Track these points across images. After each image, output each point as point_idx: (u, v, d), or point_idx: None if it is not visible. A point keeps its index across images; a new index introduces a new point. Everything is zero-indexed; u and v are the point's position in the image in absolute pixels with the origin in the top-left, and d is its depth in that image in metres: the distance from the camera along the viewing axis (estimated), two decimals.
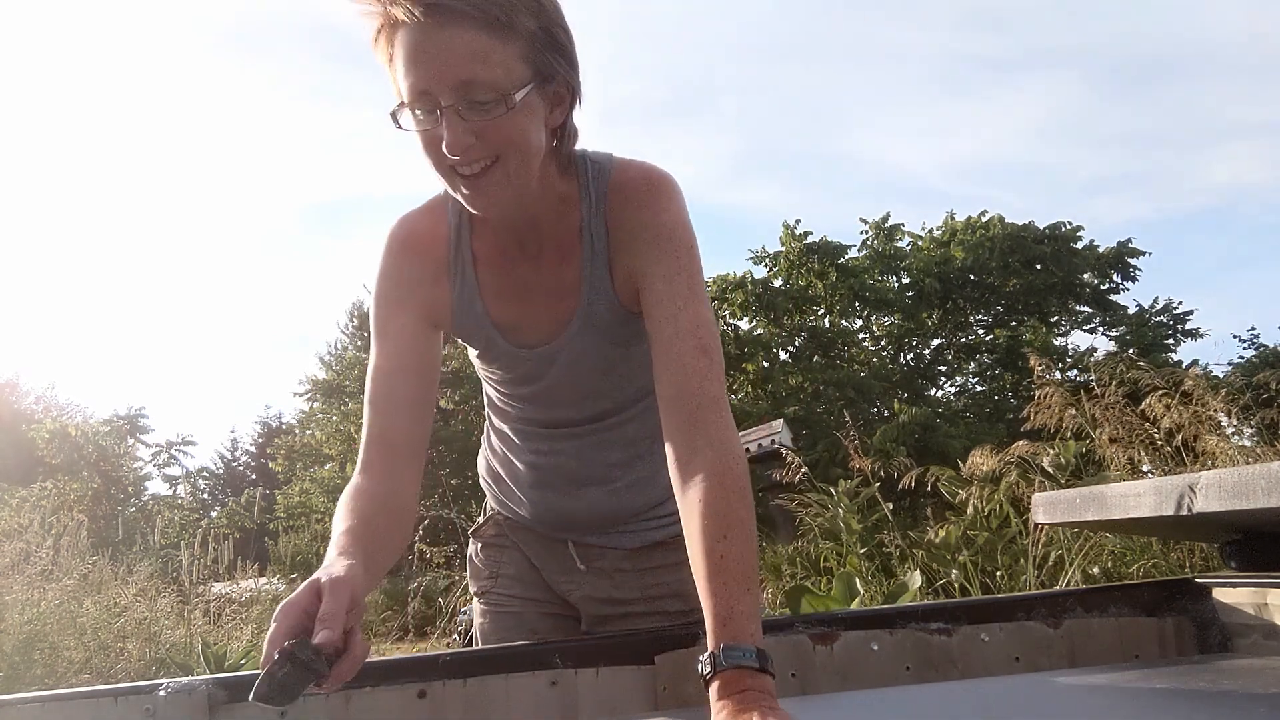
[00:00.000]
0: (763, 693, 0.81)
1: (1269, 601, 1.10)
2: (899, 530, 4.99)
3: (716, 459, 0.96)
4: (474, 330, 1.20)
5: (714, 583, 0.88)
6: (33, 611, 4.62)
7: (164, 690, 1.00)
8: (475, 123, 0.95)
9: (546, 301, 1.17)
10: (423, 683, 1.05)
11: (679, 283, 1.07)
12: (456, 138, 0.95)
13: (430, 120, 0.96)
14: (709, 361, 1.03)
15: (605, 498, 1.32)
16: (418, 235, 1.17)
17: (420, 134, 0.98)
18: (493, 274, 1.17)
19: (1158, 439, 4.38)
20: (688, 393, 1.01)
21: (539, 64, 0.98)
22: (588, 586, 1.36)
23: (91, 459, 16.80)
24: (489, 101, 0.95)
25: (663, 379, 1.04)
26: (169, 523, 14.61)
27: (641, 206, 1.11)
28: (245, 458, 36.21)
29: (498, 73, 0.94)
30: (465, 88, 0.94)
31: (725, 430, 0.99)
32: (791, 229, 19.03)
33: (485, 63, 0.93)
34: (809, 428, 15.46)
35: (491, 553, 1.42)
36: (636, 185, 1.12)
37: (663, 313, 1.06)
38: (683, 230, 1.10)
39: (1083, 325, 20.36)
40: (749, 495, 0.96)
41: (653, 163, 1.16)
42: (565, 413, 1.27)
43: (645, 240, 1.09)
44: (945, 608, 1.18)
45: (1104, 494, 1.26)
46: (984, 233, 19.77)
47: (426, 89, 0.94)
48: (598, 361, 1.20)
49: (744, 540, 0.91)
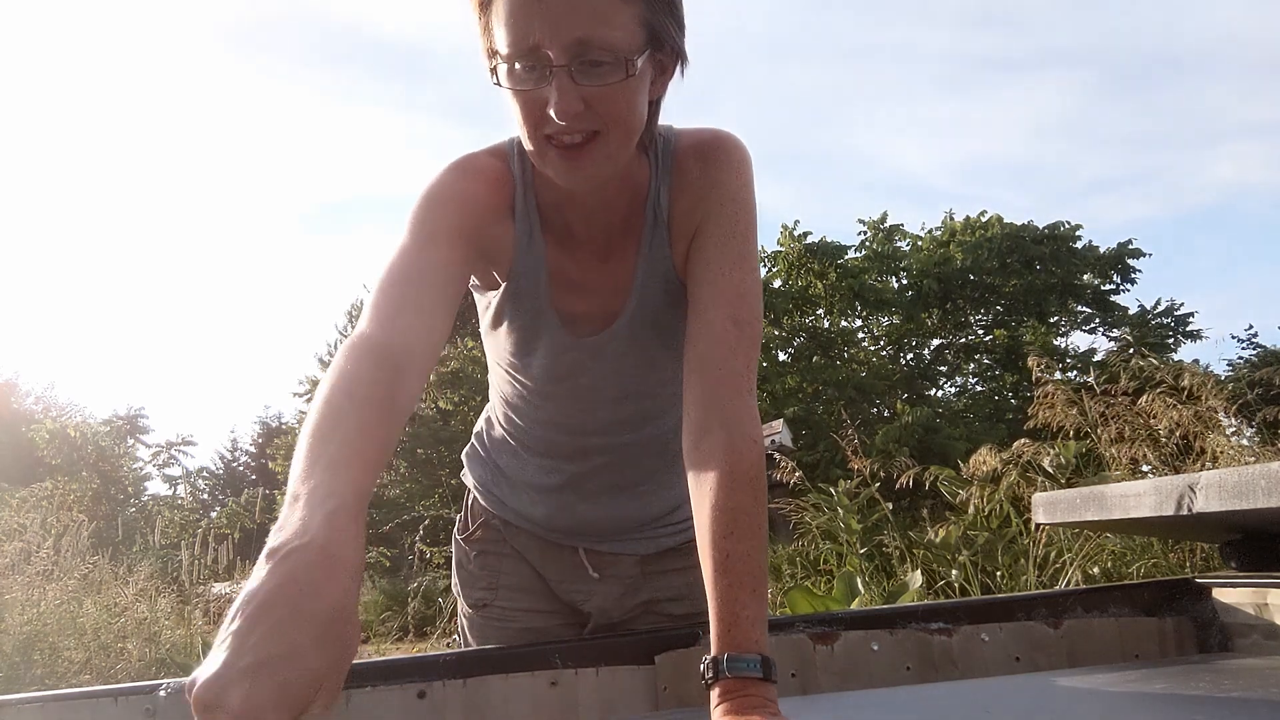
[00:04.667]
0: (764, 699, 0.80)
1: (1269, 601, 1.10)
2: (899, 530, 4.98)
3: (729, 443, 0.90)
4: (529, 291, 1.08)
5: (719, 582, 0.85)
6: (33, 611, 4.62)
7: (164, 690, 1.00)
8: (587, 88, 0.87)
9: (600, 288, 1.09)
10: (423, 683, 1.05)
11: (730, 247, 1.00)
12: (568, 103, 0.86)
13: (533, 79, 0.87)
14: (740, 334, 0.96)
15: (630, 504, 1.25)
16: (489, 169, 1.05)
17: (518, 94, 0.89)
18: (558, 246, 1.07)
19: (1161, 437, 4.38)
20: (710, 362, 0.94)
21: (655, 27, 0.89)
22: (600, 596, 1.30)
23: (91, 459, 16.80)
24: (605, 64, 0.86)
25: (690, 344, 0.98)
26: (169, 523, 14.62)
27: (708, 166, 1.04)
28: (245, 458, 36.17)
29: (618, 34, 0.86)
30: (582, 47, 0.85)
31: (743, 411, 0.93)
32: (790, 229, 19.05)
33: (607, 22, 0.85)
34: (809, 428, 15.46)
35: (488, 560, 1.32)
36: (705, 146, 1.05)
37: (705, 275, 1.00)
38: (746, 194, 1.03)
39: (1082, 325, 20.39)
40: (761, 486, 0.90)
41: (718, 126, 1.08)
42: (601, 413, 1.18)
43: (709, 201, 1.03)
44: (945, 608, 1.18)
45: (1104, 494, 1.26)
46: (983, 233, 19.78)
47: (538, 44, 0.85)
48: (643, 357, 1.13)
49: (752, 537, 0.87)
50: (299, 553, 0.63)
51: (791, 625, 1.13)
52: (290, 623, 0.60)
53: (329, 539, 0.65)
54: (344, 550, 0.65)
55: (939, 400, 19.69)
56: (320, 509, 0.67)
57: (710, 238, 1.02)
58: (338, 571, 0.64)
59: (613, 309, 1.10)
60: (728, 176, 1.03)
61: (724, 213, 1.02)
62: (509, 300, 1.09)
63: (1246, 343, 17.89)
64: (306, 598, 0.61)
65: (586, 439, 1.20)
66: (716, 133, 1.07)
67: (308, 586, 0.62)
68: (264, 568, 0.63)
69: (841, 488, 5.23)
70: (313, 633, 0.60)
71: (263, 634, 0.59)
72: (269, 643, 0.59)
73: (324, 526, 0.65)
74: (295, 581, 0.62)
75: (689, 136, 1.07)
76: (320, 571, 0.63)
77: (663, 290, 1.08)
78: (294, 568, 0.62)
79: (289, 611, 0.60)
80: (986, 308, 20.46)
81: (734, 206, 1.03)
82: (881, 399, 18.36)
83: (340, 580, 0.63)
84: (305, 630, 0.60)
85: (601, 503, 1.25)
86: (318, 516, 0.66)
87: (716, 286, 0.99)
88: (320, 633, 0.61)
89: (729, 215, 1.02)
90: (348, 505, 0.68)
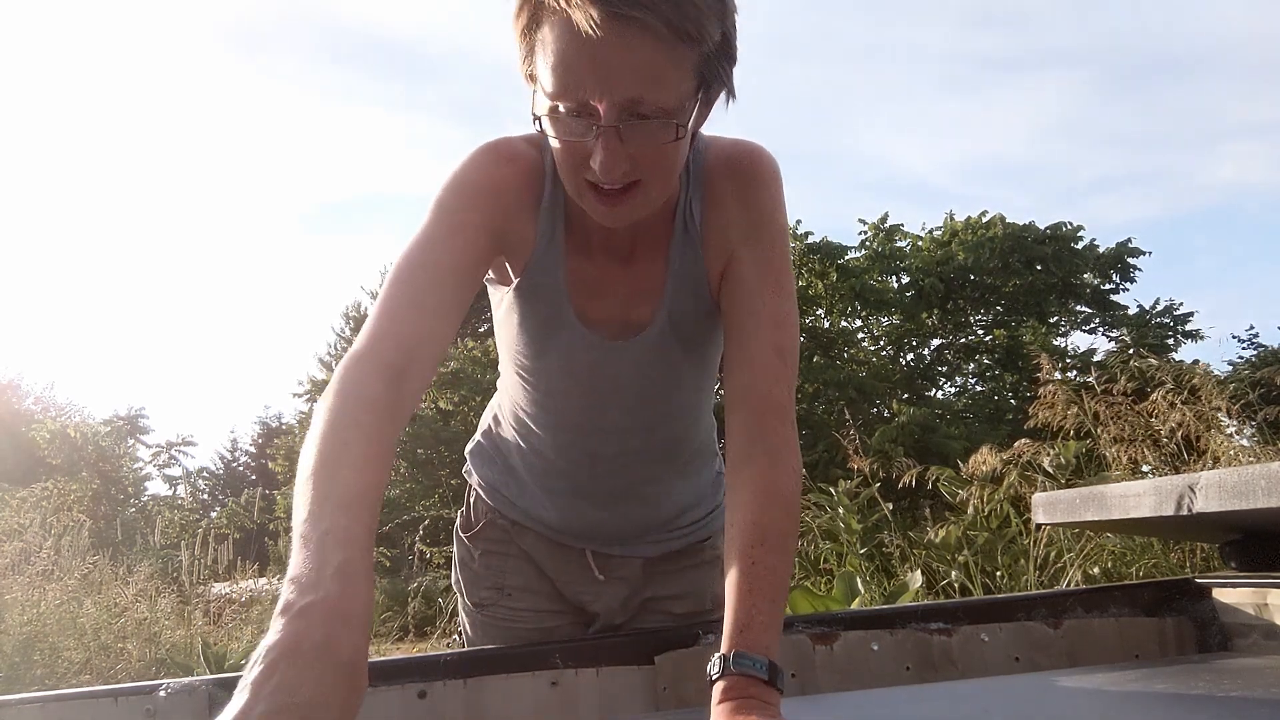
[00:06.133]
0: (765, 703, 0.80)
1: (1269, 601, 1.10)
2: (899, 530, 4.98)
3: (770, 469, 0.92)
4: (546, 289, 1.06)
5: (740, 587, 0.85)
6: (33, 612, 4.62)
7: (164, 691, 1.00)
8: (634, 147, 0.86)
9: (621, 292, 1.07)
10: (423, 683, 1.05)
11: (770, 273, 1.00)
12: (614, 162, 0.85)
13: (579, 128, 0.86)
14: (783, 364, 0.97)
15: (638, 509, 1.25)
16: (523, 158, 1.02)
17: (561, 139, 0.88)
18: (579, 248, 1.05)
19: (1161, 437, 4.38)
20: (754, 393, 0.95)
21: (709, 74, 0.88)
22: (607, 596, 1.30)
23: (91, 459, 16.80)
24: (654, 121, 0.85)
25: (732, 373, 0.98)
26: (169, 523, 14.61)
27: (744, 183, 1.02)
28: (245, 458, 36.19)
29: (671, 95, 0.84)
30: (633, 105, 0.84)
31: (785, 441, 0.94)
32: (792, 229, 19.02)
33: (661, 83, 0.83)
34: (809, 428, 15.45)
35: (493, 560, 1.31)
36: (739, 160, 1.03)
37: (745, 304, 0.99)
38: (781, 216, 1.03)
39: (1082, 325, 20.39)
40: (796, 510, 0.93)
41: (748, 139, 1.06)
42: (613, 416, 1.16)
43: (746, 222, 1.01)
44: (945, 608, 1.18)
45: (1104, 494, 1.26)
46: (984, 233, 19.77)
47: (587, 99, 0.83)
48: (666, 365, 1.11)
49: (780, 552, 0.88)
50: (313, 610, 0.67)
51: (791, 625, 1.13)
52: (305, 673, 0.64)
53: (341, 594, 0.68)
54: (354, 606, 0.68)
55: (939, 400, 19.69)
56: (331, 561, 0.70)
57: (748, 262, 1.01)
58: (349, 628, 0.67)
59: (638, 315, 1.08)
60: (764, 197, 1.03)
61: (761, 236, 1.02)
62: (524, 297, 1.07)
63: (1247, 343, 17.89)
64: (320, 651, 0.65)
65: (597, 442, 1.18)
66: (750, 147, 1.05)
67: (321, 641, 0.65)
68: (279, 622, 0.67)
69: (842, 487, 5.23)
70: (327, 682, 0.64)
71: (278, 683, 0.63)
72: (285, 691, 0.63)
73: (335, 581, 0.68)
74: (309, 637, 0.65)
75: (720, 148, 1.05)
76: (333, 627, 0.66)
77: (693, 302, 1.07)
78: (309, 625, 0.66)
79: (304, 663, 0.64)
80: (987, 308, 20.45)
81: (771, 229, 1.02)
82: (882, 399, 18.36)
83: (352, 636, 0.67)
84: (319, 680, 0.64)
85: (610, 507, 1.24)
86: (329, 569, 0.69)
87: (758, 316, 0.98)
88: (333, 682, 0.64)
89: (766, 239, 1.02)
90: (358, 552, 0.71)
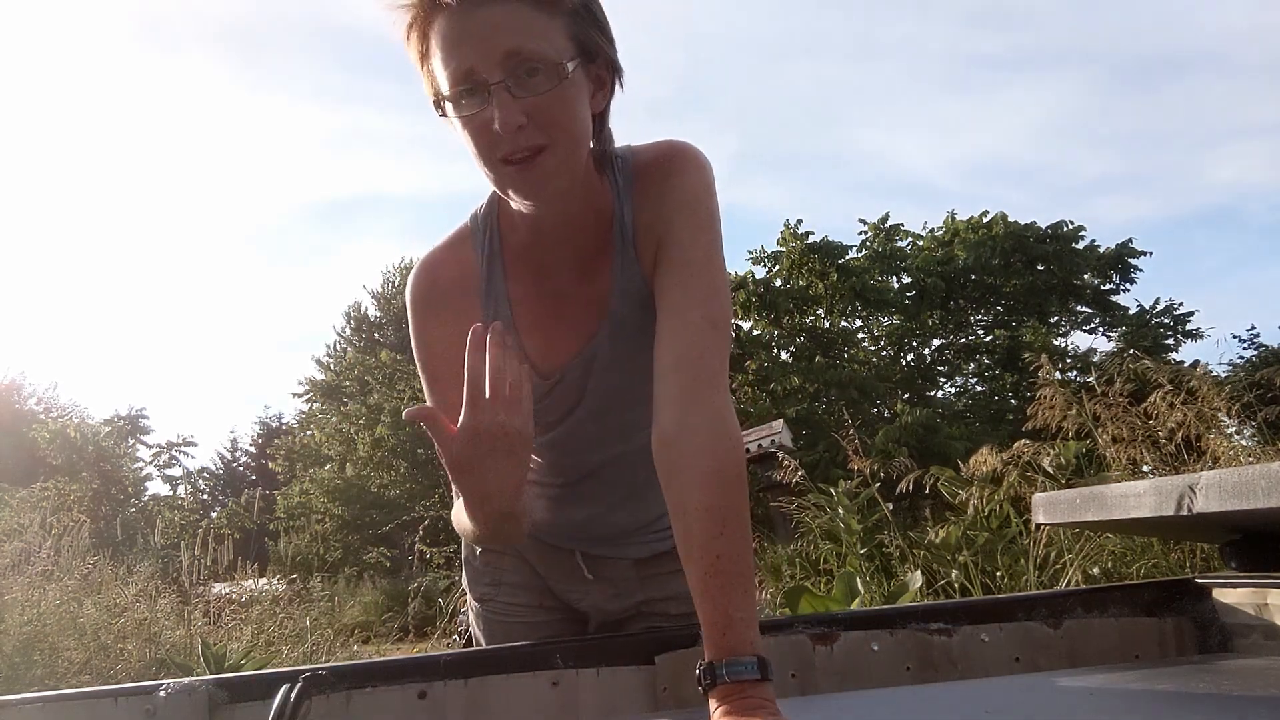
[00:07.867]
0: (763, 700, 0.81)
1: (1269, 601, 1.10)
2: (899, 531, 4.98)
3: (713, 439, 0.91)
4: None
5: (711, 584, 0.85)
6: (33, 612, 4.62)
7: (164, 691, 1.00)
8: (526, 100, 0.90)
9: (576, 314, 1.11)
10: (424, 683, 1.05)
11: (696, 248, 1.01)
12: (509, 115, 0.89)
13: (476, 103, 0.91)
14: (715, 333, 0.97)
15: (622, 511, 1.29)
16: (445, 283, 1.10)
17: (466, 122, 0.93)
18: (526, 304, 1.11)
19: (1161, 437, 4.38)
20: (687, 362, 0.95)
21: (582, 40, 0.94)
22: (594, 595, 1.35)
23: (92, 459, 16.79)
24: (538, 73, 0.90)
25: (662, 345, 0.97)
26: (169, 523, 14.63)
27: (666, 175, 1.06)
28: (245, 458, 36.18)
29: (544, 44, 0.90)
30: (513, 59, 0.89)
31: (723, 409, 0.93)
32: (792, 229, 19.02)
33: (533, 34, 0.90)
34: (809, 428, 15.44)
35: (490, 557, 1.37)
36: (661, 157, 1.07)
37: (674, 277, 1.00)
38: (705, 195, 1.04)
39: (1083, 326, 20.38)
40: (744, 483, 0.91)
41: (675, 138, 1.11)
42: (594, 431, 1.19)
43: (668, 206, 1.04)
44: (945, 608, 1.18)
45: (1104, 494, 1.26)
46: (986, 232, 19.77)
47: (472, 67, 0.90)
48: (626, 370, 1.12)
49: (740, 536, 0.87)
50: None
51: (791, 625, 1.13)
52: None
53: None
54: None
55: (939, 400, 19.68)
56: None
57: (676, 240, 1.03)
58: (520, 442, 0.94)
59: (591, 330, 1.10)
60: (686, 180, 1.05)
61: (685, 215, 1.03)
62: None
63: (1248, 343, 17.88)
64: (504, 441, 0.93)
65: (580, 456, 1.23)
66: (672, 143, 1.09)
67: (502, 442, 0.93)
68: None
69: (842, 488, 5.23)
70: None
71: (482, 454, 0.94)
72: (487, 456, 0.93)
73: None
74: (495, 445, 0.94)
75: (646, 152, 1.09)
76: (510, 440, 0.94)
77: (639, 305, 1.08)
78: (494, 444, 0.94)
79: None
80: (987, 308, 20.46)
81: (695, 207, 1.03)
82: (882, 399, 18.35)
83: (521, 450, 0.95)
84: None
85: (595, 510, 1.28)
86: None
87: (688, 289, 0.99)
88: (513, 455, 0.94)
89: (694, 221, 1.03)
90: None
